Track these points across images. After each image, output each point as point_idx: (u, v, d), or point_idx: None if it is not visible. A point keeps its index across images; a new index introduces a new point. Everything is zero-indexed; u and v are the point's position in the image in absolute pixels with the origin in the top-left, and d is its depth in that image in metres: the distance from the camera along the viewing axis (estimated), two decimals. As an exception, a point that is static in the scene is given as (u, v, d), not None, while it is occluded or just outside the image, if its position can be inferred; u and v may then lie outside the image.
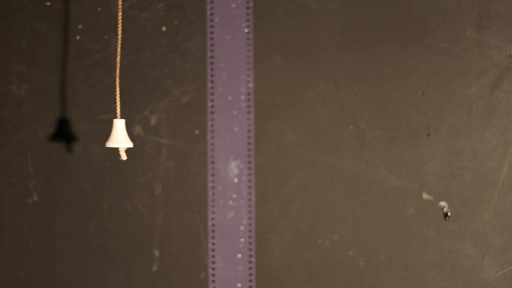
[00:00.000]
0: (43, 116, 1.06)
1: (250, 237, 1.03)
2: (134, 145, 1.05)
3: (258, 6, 1.03)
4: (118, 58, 0.90)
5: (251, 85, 1.02)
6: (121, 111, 1.06)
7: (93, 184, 1.06)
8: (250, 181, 1.03)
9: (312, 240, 1.02)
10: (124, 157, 0.91)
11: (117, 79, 0.91)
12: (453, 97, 1.00)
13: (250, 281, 1.03)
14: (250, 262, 1.03)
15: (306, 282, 1.02)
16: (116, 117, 0.91)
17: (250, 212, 1.03)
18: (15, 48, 1.07)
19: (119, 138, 0.89)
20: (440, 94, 1.00)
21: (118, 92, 0.91)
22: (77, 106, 1.06)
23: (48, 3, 1.07)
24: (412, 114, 1.00)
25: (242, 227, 1.03)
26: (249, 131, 1.03)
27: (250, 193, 1.03)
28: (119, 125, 0.90)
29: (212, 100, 1.04)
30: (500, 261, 0.99)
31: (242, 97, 1.02)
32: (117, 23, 1.06)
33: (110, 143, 0.89)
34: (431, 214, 1.00)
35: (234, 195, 1.04)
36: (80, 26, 1.06)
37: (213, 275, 1.04)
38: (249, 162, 1.03)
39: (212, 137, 1.03)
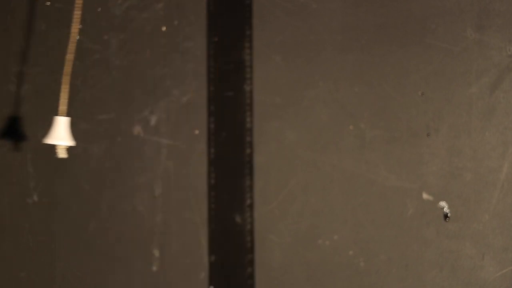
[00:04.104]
0: (43, 116, 1.06)
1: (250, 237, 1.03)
2: (134, 145, 1.05)
3: (258, 6, 1.03)
4: (71, 55, 0.89)
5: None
6: (121, 111, 1.06)
7: (93, 184, 1.06)
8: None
9: (312, 240, 1.02)
10: (63, 154, 0.90)
11: (67, 77, 0.90)
12: (453, 97, 1.00)
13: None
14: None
15: (306, 282, 1.02)
16: (57, 115, 0.89)
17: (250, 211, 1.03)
18: (15, 48, 1.07)
19: (60, 136, 0.88)
20: (440, 94, 1.00)
21: (65, 89, 0.90)
22: (77, 106, 1.06)
23: (48, 3, 1.07)
24: (412, 114, 1.00)
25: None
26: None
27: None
28: (62, 123, 0.89)
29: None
30: (500, 261, 0.99)
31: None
32: (116, 23, 1.05)
33: (50, 140, 0.88)
34: (431, 214, 1.00)
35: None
36: (80, 26, 1.06)
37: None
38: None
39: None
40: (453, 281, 1.00)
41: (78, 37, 1.06)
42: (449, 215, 1.00)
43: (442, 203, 1.00)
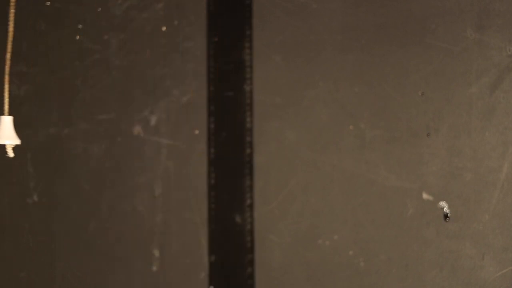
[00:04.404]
0: (43, 116, 1.06)
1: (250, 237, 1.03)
2: (134, 145, 1.05)
3: (258, 6, 1.03)
4: (8, 55, 0.90)
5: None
6: (121, 111, 1.06)
7: (93, 184, 1.06)
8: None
9: (312, 240, 1.02)
10: (11, 154, 0.90)
11: (6, 76, 0.90)
12: (453, 97, 1.00)
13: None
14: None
15: (306, 282, 1.02)
16: (4, 114, 0.90)
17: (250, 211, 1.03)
18: (15, 48, 1.07)
19: (6, 135, 0.89)
20: (440, 94, 1.00)
21: (6, 89, 0.90)
22: (77, 106, 1.06)
23: (48, 3, 1.07)
24: (412, 114, 1.00)
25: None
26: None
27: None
28: (6, 122, 0.89)
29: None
30: (500, 261, 0.99)
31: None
32: (116, 23, 1.06)
33: None
34: (431, 214, 1.00)
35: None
36: (80, 26, 1.06)
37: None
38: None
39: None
40: (453, 281, 1.00)
41: (78, 37, 1.06)
42: (449, 215, 1.00)
43: (442, 203, 1.00)
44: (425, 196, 1.00)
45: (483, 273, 1.00)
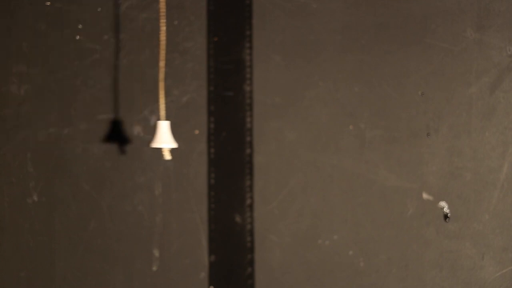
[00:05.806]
0: (43, 116, 1.06)
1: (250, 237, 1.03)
2: (133, 145, 1.05)
3: (258, 6, 1.03)
4: (162, 63, 0.94)
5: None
6: (120, 111, 1.06)
7: (93, 184, 1.06)
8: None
9: (312, 240, 1.02)
10: (168, 156, 0.94)
11: (161, 82, 0.94)
12: (453, 97, 1.00)
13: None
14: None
15: (306, 282, 1.02)
16: (160, 119, 0.94)
17: (250, 212, 1.03)
18: (15, 48, 1.07)
19: (164, 139, 0.93)
20: (440, 94, 1.00)
21: (162, 94, 0.94)
22: (77, 106, 1.06)
23: (48, 3, 1.07)
24: (412, 114, 1.00)
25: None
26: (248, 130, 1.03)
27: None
28: (164, 126, 0.93)
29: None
30: (500, 261, 0.99)
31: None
32: (116, 23, 1.06)
33: (155, 144, 0.93)
34: (431, 214, 1.00)
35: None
36: (80, 26, 1.06)
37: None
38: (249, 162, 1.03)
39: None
40: (453, 281, 1.00)
41: (78, 37, 1.06)
42: (449, 215, 1.00)
43: (442, 203, 1.00)
44: (425, 196, 1.00)
45: (483, 273, 0.99)
